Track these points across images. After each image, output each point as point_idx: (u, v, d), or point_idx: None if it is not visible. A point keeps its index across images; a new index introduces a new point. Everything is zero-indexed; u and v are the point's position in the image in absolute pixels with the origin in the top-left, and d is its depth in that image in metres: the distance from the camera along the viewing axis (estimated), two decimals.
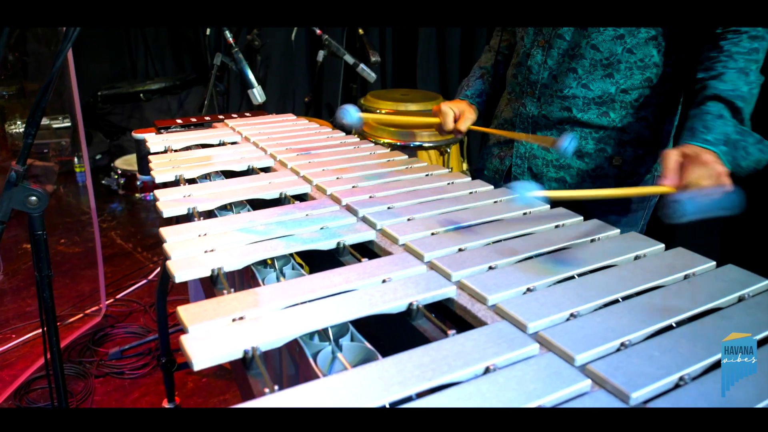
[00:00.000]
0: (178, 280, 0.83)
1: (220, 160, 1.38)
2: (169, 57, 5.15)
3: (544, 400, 0.58)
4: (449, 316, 0.81)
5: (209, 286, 0.87)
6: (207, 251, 0.89)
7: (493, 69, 1.59)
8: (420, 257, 0.89)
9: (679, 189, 1.00)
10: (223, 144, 1.56)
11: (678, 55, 1.26)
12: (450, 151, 2.49)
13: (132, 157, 4.12)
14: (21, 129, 3.68)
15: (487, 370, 0.63)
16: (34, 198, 1.13)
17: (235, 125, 1.72)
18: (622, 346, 0.67)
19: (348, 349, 0.72)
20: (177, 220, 1.12)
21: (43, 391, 2.18)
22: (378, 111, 2.88)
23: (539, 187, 0.90)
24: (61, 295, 2.78)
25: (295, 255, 0.95)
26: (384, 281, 0.81)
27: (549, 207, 1.09)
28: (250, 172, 1.34)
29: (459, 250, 0.91)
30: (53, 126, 4.11)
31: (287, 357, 0.79)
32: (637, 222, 1.39)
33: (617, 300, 0.77)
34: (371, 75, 2.65)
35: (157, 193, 1.14)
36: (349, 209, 1.09)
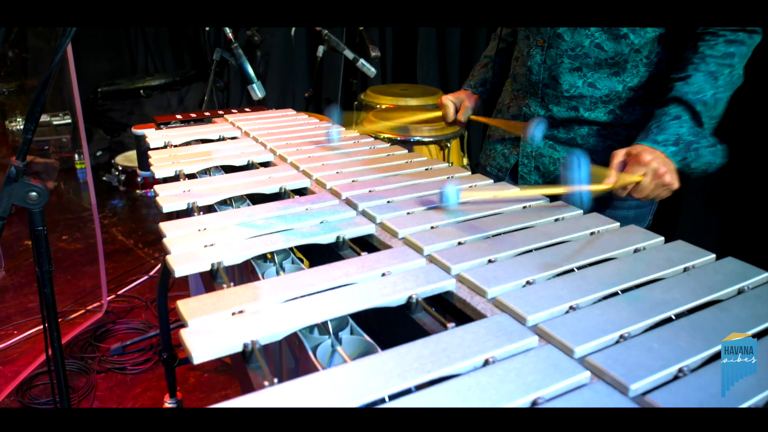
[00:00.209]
0: (177, 274, 0.83)
1: (219, 155, 1.38)
2: (169, 53, 5.15)
3: (542, 391, 0.58)
4: (449, 309, 0.81)
5: (209, 281, 0.87)
6: (207, 246, 0.89)
7: (498, 57, 1.59)
8: (419, 250, 0.89)
9: (618, 186, 1.06)
10: (223, 139, 1.56)
11: (678, 50, 1.25)
12: (450, 146, 2.49)
13: (132, 154, 4.12)
14: (21, 126, 3.68)
15: (487, 362, 0.63)
16: (34, 194, 1.13)
17: (235, 120, 1.72)
18: (621, 338, 0.68)
19: (347, 343, 0.72)
20: (177, 215, 1.12)
21: (45, 387, 2.19)
22: (379, 106, 2.88)
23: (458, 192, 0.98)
24: (63, 292, 2.79)
25: (295, 249, 0.95)
26: (383, 275, 0.81)
27: (549, 200, 1.09)
28: (249, 166, 1.34)
29: (458, 243, 0.91)
30: (54, 123, 4.12)
31: (287, 351, 0.79)
32: (644, 217, 1.40)
33: (616, 293, 0.77)
34: (371, 70, 2.64)
35: (157, 189, 1.14)
36: (349, 203, 1.09)
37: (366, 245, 0.97)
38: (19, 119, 3.72)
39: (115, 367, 2.35)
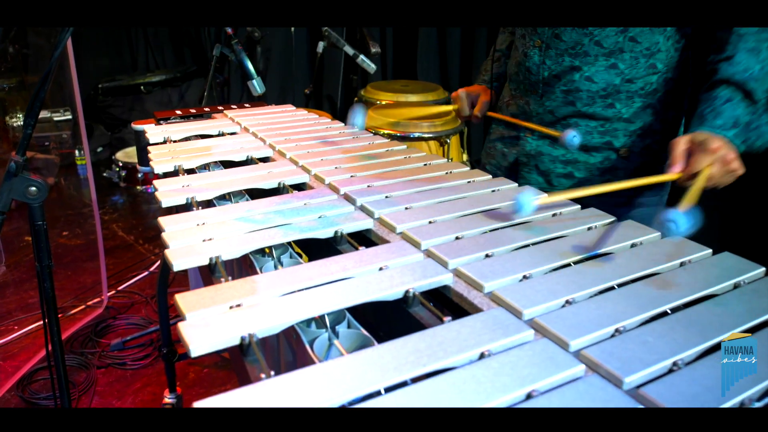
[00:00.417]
0: (176, 268, 0.83)
1: (219, 150, 1.38)
2: (170, 49, 5.14)
3: (537, 384, 0.59)
4: (446, 303, 0.81)
5: (208, 276, 0.87)
6: (205, 240, 0.90)
7: (508, 50, 1.56)
8: (417, 245, 0.89)
9: (686, 176, 1.01)
10: (223, 134, 1.57)
11: (686, 39, 1.24)
12: (450, 142, 2.49)
13: (133, 150, 4.12)
14: (21, 121, 3.68)
15: (482, 355, 0.64)
16: (33, 188, 1.14)
17: (235, 116, 1.72)
18: (616, 332, 0.68)
19: (344, 336, 0.73)
20: (177, 209, 1.12)
21: (46, 382, 2.20)
22: (378, 102, 2.88)
23: (536, 194, 0.94)
24: (63, 287, 2.80)
25: (294, 245, 0.96)
26: (381, 269, 0.82)
27: (546, 196, 1.09)
28: (248, 162, 1.35)
29: (456, 238, 0.91)
30: (54, 119, 4.12)
31: (285, 344, 0.80)
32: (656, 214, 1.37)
33: (613, 287, 0.78)
34: (371, 66, 2.64)
35: (156, 183, 1.15)
36: (348, 198, 1.09)
37: (364, 240, 0.98)
38: (20, 115, 3.72)
39: (115, 363, 2.36)
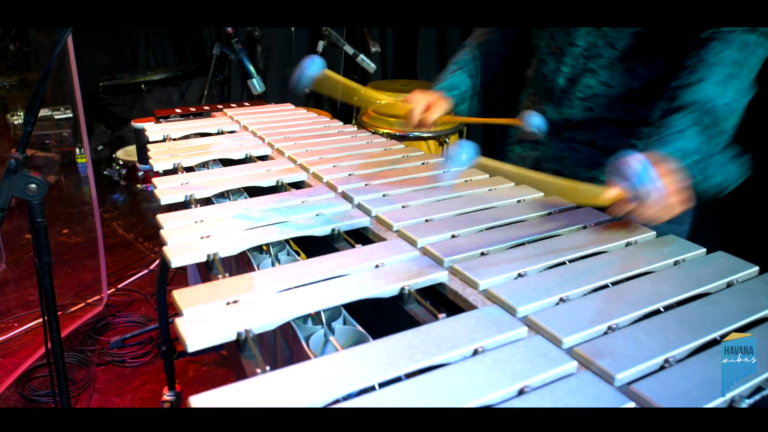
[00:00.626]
0: (174, 265, 0.84)
1: (218, 148, 1.39)
2: (170, 48, 5.15)
3: (530, 380, 0.59)
4: (442, 300, 0.82)
5: (206, 272, 0.88)
6: (203, 237, 0.91)
7: (470, 63, 1.47)
8: (413, 243, 0.90)
9: (613, 202, 0.90)
10: (222, 133, 1.57)
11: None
12: (449, 142, 2.50)
13: (133, 148, 4.12)
14: (22, 119, 3.69)
15: (476, 351, 0.64)
16: (33, 185, 1.14)
17: (234, 114, 1.73)
18: (609, 329, 0.69)
19: (340, 333, 0.73)
20: (175, 207, 1.13)
21: (45, 379, 2.20)
22: (378, 102, 2.88)
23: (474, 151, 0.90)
24: (63, 285, 2.80)
25: (292, 243, 0.96)
26: (377, 266, 0.82)
27: (543, 195, 1.10)
28: (247, 160, 1.35)
29: (452, 236, 0.92)
30: (55, 117, 4.12)
31: (282, 341, 0.80)
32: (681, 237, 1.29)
33: (607, 285, 0.78)
34: (371, 65, 2.65)
35: (156, 181, 1.15)
36: (345, 196, 1.10)
37: (361, 238, 0.98)
38: (21, 113, 3.72)
39: (115, 360, 2.36)
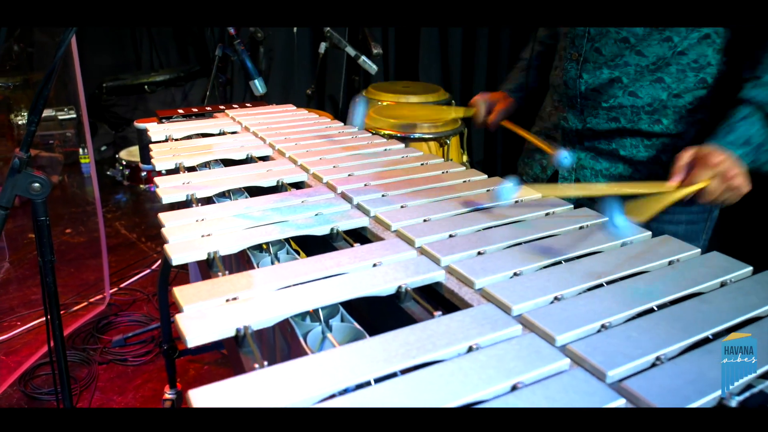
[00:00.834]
0: (174, 262, 0.85)
1: (219, 148, 1.40)
2: (174, 49, 5.17)
3: (523, 377, 0.60)
4: (438, 299, 0.83)
5: (206, 271, 0.89)
6: (204, 236, 0.92)
7: (535, 60, 1.51)
8: (411, 243, 0.91)
9: (684, 188, 1.02)
10: (223, 133, 1.59)
11: (735, 52, 1.18)
12: (450, 143, 2.51)
13: (136, 149, 4.14)
14: (26, 120, 3.70)
15: (470, 349, 0.65)
16: (37, 184, 1.15)
17: (236, 115, 1.74)
18: (602, 327, 0.70)
19: (338, 330, 0.74)
20: (178, 206, 1.14)
21: (48, 378, 2.22)
22: (380, 103, 2.89)
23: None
24: (66, 284, 2.82)
25: (292, 242, 0.97)
26: (375, 265, 0.83)
27: (541, 196, 1.11)
28: (248, 160, 1.37)
29: (449, 236, 0.93)
30: (59, 117, 4.14)
31: (280, 338, 0.82)
32: (698, 235, 1.31)
33: (601, 285, 0.79)
34: (372, 67, 2.66)
35: (157, 180, 1.17)
36: (344, 197, 1.11)
37: (360, 237, 1.00)
38: (25, 113, 3.75)
39: (117, 359, 2.38)
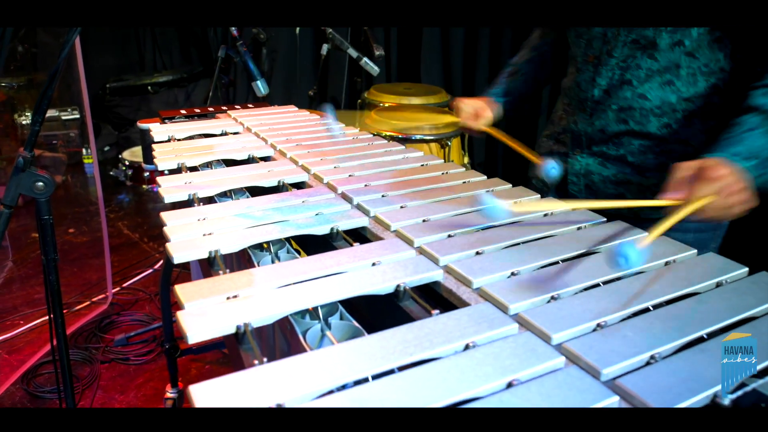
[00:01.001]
0: (176, 261, 0.86)
1: (221, 149, 1.41)
2: (177, 50, 5.19)
3: (518, 374, 0.61)
4: (436, 298, 0.84)
5: (208, 269, 0.90)
6: (205, 235, 0.93)
7: (528, 65, 1.48)
8: (410, 242, 0.92)
9: (682, 203, 0.92)
10: (225, 134, 1.60)
11: (747, 57, 1.13)
12: (451, 144, 2.52)
13: (139, 149, 4.15)
14: (30, 120, 3.72)
15: (467, 346, 0.66)
16: (40, 183, 1.17)
17: (237, 116, 1.76)
18: (598, 326, 0.70)
19: (336, 328, 0.75)
20: (180, 205, 1.15)
21: (50, 376, 2.23)
22: (382, 104, 2.90)
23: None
24: (69, 283, 2.83)
25: (293, 241, 0.98)
26: (374, 264, 0.84)
27: (539, 197, 1.12)
28: (250, 160, 1.38)
29: (448, 236, 0.94)
30: (62, 118, 4.16)
31: (280, 335, 0.83)
32: (706, 243, 1.26)
33: (598, 284, 0.80)
34: (374, 69, 2.67)
35: (160, 180, 1.18)
36: (345, 197, 1.12)
37: (359, 237, 1.00)
38: (29, 113, 3.77)
39: (119, 358, 2.39)
